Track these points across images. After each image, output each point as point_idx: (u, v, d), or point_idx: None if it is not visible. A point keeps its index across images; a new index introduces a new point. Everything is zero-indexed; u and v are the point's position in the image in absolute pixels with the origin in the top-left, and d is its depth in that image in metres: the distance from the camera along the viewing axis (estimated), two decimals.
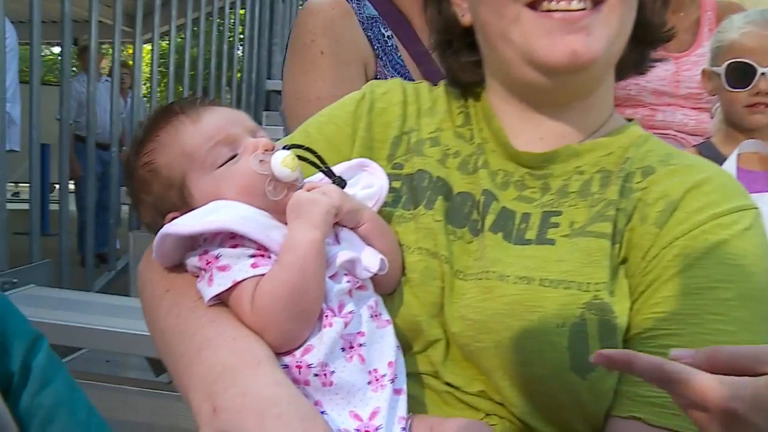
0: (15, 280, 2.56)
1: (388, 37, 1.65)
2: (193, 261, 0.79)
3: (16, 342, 0.99)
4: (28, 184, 3.11)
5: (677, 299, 0.78)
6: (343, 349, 0.76)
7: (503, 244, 0.85)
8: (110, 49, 4.14)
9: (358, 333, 0.77)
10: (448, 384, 0.84)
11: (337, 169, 0.90)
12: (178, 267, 0.84)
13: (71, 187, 4.27)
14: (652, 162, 0.88)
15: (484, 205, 0.89)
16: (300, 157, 0.83)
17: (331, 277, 0.78)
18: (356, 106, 1.02)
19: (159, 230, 0.80)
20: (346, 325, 0.76)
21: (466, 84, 1.02)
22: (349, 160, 0.94)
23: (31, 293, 2.51)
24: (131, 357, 2.31)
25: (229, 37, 5.56)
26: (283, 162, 0.79)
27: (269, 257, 0.77)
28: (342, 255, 0.79)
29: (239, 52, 5.95)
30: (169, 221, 0.83)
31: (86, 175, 3.71)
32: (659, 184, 0.85)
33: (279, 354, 0.75)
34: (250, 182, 0.80)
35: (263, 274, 0.75)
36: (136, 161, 0.87)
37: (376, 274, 0.82)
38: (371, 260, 0.81)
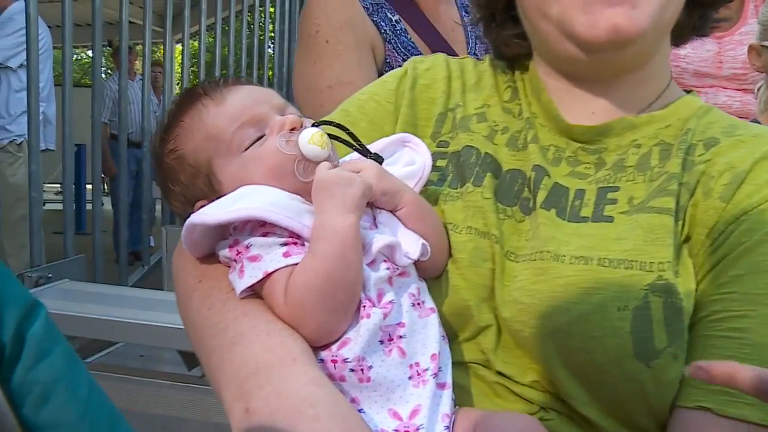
0: (50, 275, 2.58)
1: (395, 21, 1.63)
2: (223, 251, 0.75)
3: (8, 309, 0.88)
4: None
5: (747, 278, 0.72)
6: (381, 342, 0.71)
7: (557, 221, 0.80)
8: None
9: (398, 324, 0.72)
10: (499, 373, 0.79)
11: (376, 146, 0.85)
12: (211, 256, 0.80)
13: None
14: (716, 133, 0.82)
15: (535, 181, 0.84)
16: (331, 136, 0.78)
17: (368, 265, 0.73)
18: (398, 82, 0.97)
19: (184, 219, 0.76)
20: (385, 316, 0.71)
21: (512, 57, 0.97)
22: None
23: (65, 287, 2.53)
24: (164, 351, 2.30)
25: (260, 35, 5.56)
26: (310, 139, 0.75)
27: (303, 245, 0.72)
28: (379, 240, 0.74)
29: (270, 50, 5.96)
30: (198, 210, 0.78)
31: (119, 172, 3.74)
32: (724, 156, 0.79)
33: (315, 348, 0.70)
34: (278, 163, 0.76)
35: (297, 264, 0.70)
36: (162, 149, 0.83)
37: (417, 261, 0.76)
38: (412, 246, 0.76)
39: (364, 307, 0.71)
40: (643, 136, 0.85)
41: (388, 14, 1.63)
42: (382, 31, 1.61)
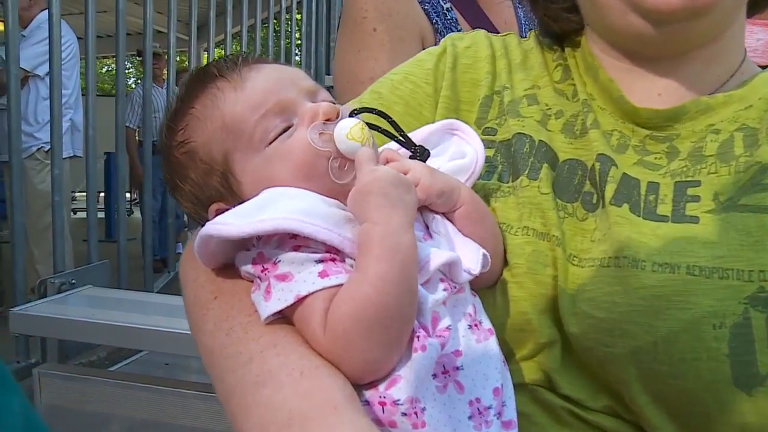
0: (73, 281, 2.54)
1: (447, 9, 1.54)
2: (246, 266, 0.63)
3: None
4: (101, 193, 3.15)
5: None
6: (435, 376, 0.59)
7: (632, 219, 0.69)
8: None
9: (455, 352, 0.60)
10: (565, 397, 0.68)
11: (418, 135, 0.73)
12: (228, 266, 0.68)
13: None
14: None
15: (600, 173, 0.73)
16: (370, 125, 0.66)
17: (423, 285, 0.61)
18: (436, 61, 0.87)
19: (201, 224, 0.64)
20: (442, 346, 0.59)
21: (561, 34, 0.86)
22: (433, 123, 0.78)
23: (88, 294, 2.48)
24: (191, 359, 2.22)
25: (286, 42, 5.53)
26: (349, 133, 0.63)
27: (342, 260, 0.60)
28: (438, 256, 0.62)
29: (297, 58, 5.94)
30: (213, 215, 0.67)
31: (146, 179, 3.72)
32: None
33: (358, 386, 0.58)
34: (309, 161, 0.64)
35: (337, 286, 0.58)
36: (169, 141, 0.70)
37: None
38: (472, 258, 0.64)
39: (417, 337, 0.58)
40: (720, 120, 0.74)
41: (440, 1, 1.54)
42: (433, 21, 1.52)
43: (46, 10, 3.53)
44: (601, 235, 0.70)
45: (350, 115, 0.66)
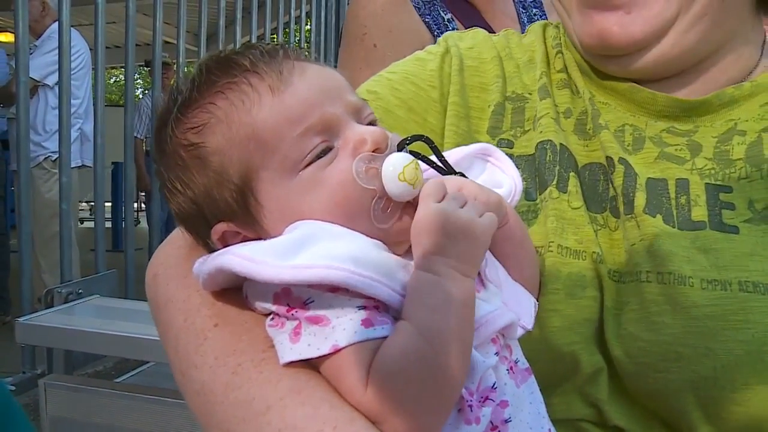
0: (80, 291, 2.51)
1: (448, 20, 1.52)
2: (262, 302, 0.54)
3: None
4: (109, 203, 3.14)
5: None
6: None
7: (669, 231, 0.64)
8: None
9: (501, 404, 0.54)
10: (616, 428, 0.64)
11: (449, 158, 0.63)
12: (229, 290, 0.58)
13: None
14: None
15: (626, 177, 0.68)
16: (410, 152, 0.57)
17: (475, 348, 0.53)
18: (440, 62, 0.81)
19: (191, 233, 0.57)
20: (493, 413, 0.53)
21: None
22: (439, 133, 0.74)
23: (95, 304, 2.45)
24: None
25: None
26: (402, 174, 0.53)
27: (386, 310, 0.52)
28: (497, 319, 0.55)
29: None
30: (218, 236, 0.58)
31: (153, 188, 3.71)
32: None
33: None
34: (351, 198, 0.55)
35: (381, 338, 0.50)
36: (176, 136, 0.59)
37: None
38: (526, 311, 0.58)
39: (470, 407, 0.52)
40: (744, 118, 0.70)
41: (441, 12, 1.52)
42: (435, 32, 1.50)
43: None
44: (633, 246, 0.65)
45: (399, 147, 0.57)
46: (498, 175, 0.65)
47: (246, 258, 0.51)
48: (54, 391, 1.93)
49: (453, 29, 1.50)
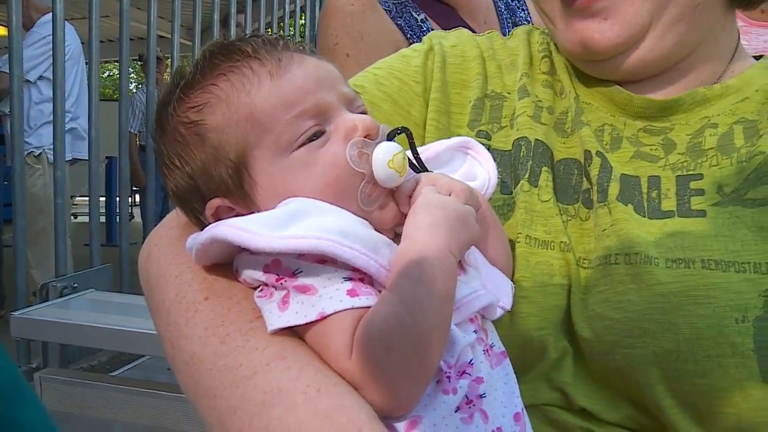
0: (75, 285, 2.51)
1: (421, 21, 1.51)
2: (254, 273, 0.57)
3: None
4: (103, 197, 3.12)
5: None
6: (458, 409, 0.54)
7: (639, 219, 0.67)
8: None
9: (476, 380, 0.56)
10: (582, 411, 0.66)
11: (431, 149, 0.68)
12: (219, 265, 0.61)
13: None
14: None
15: (601, 169, 0.72)
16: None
17: (456, 325, 0.57)
18: (424, 59, 0.84)
19: (186, 211, 0.60)
20: (469, 386, 0.55)
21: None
22: (422, 126, 0.77)
23: (90, 298, 2.46)
24: None
25: None
26: (392, 161, 0.57)
27: (371, 283, 0.55)
28: (478, 300, 0.58)
29: None
30: (212, 211, 0.60)
31: (147, 182, 3.71)
32: None
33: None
34: (342, 179, 0.58)
35: (365, 308, 0.53)
36: (178, 114, 0.62)
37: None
38: (504, 292, 0.61)
39: (448, 378, 0.54)
40: (717, 114, 0.73)
41: (413, 13, 1.51)
42: (408, 34, 1.49)
43: (46, 15, 3.55)
44: (604, 231, 0.68)
45: (389, 137, 0.61)
46: (475, 168, 0.69)
47: (240, 228, 0.53)
48: (49, 385, 1.94)
49: (427, 29, 1.49)
